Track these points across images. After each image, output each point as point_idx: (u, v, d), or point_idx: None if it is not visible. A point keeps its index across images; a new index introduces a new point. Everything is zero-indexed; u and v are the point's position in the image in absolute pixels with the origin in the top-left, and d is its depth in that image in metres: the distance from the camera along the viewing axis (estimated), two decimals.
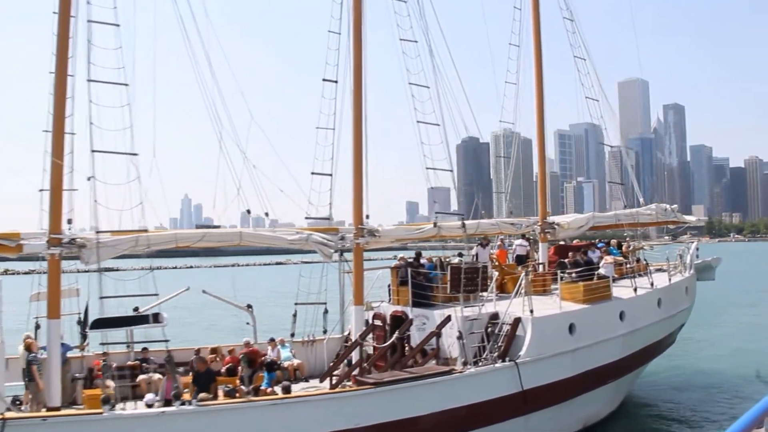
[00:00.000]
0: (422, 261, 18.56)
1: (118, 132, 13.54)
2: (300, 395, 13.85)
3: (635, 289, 19.41)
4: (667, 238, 29.39)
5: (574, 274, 18.55)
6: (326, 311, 20.05)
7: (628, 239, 24.20)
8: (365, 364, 15.65)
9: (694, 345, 32.53)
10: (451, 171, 16.45)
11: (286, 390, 14.45)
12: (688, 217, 26.99)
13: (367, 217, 17.82)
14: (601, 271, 18.95)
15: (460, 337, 15.33)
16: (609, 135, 23.27)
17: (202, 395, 13.10)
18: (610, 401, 19.24)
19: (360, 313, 17.67)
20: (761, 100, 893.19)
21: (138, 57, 14.70)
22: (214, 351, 18.24)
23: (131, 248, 13.64)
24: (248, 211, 16.46)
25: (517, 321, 16.23)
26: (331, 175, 18.62)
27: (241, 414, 12.37)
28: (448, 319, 15.70)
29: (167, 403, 12.84)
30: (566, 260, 19.12)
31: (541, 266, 21.49)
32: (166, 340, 13.77)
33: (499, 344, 15.80)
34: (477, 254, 21.23)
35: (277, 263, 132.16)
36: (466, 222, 19.26)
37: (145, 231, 13.68)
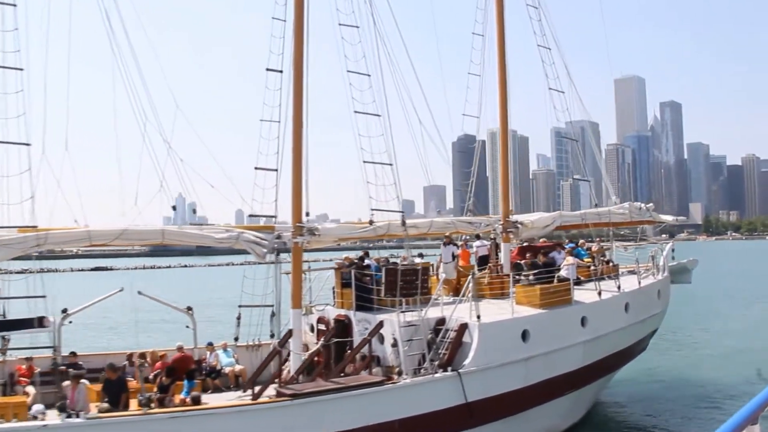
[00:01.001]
0: (368, 261, 17.30)
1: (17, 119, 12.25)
2: (206, 407, 12.54)
3: (599, 293, 18.18)
4: (657, 238, 28.08)
5: (531, 277, 17.32)
6: (273, 314, 18.87)
7: (598, 239, 22.97)
8: (295, 374, 14.40)
9: (676, 349, 31.47)
10: (391, 165, 15.15)
11: (195, 401, 13.19)
12: (664, 217, 25.74)
13: (307, 214, 16.53)
14: (562, 273, 17.69)
15: (394, 345, 14.10)
16: (593, 131, 21.76)
17: (104, 406, 11.89)
18: (571, 413, 17.99)
19: (298, 316, 16.41)
20: (759, 98, 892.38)
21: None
22: (142, 356, 17.00)
23: (28, 248, 12.31)
24: (173, 208, 15.21)
25: (463, 327, 15.01)
26: (276, 170, 17.37)
27: (135, 428, 11.12)
28: (381, 324, 14.46)
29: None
30: (522, 261, 17.83)
31: (502, 268, 20.24)
32: (51, 347, 12.48)
33: (442, 352, 14.57)
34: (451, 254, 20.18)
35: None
36: (417, 221, 18.06)
37: (35, 228, 12.33)
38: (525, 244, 22.68)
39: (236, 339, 19.16)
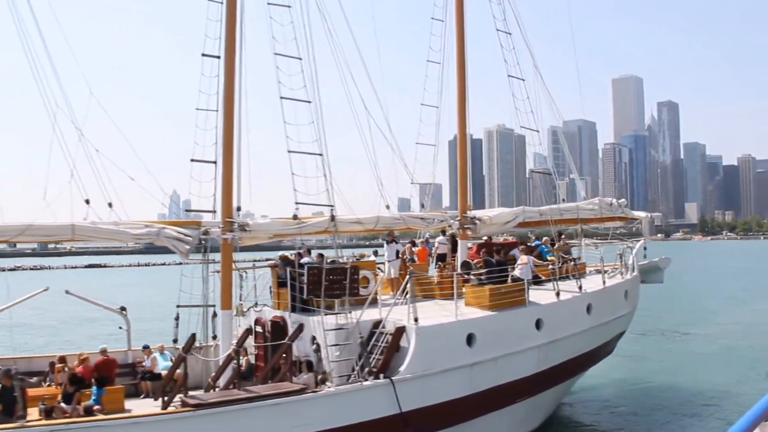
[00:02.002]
0: (307, 259, 16.10)
1: None
2: (94, 419, 11.25)
3: (557, 294, 17.00)
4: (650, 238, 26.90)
5: (483, 277, 16.13)
6: (215, 314, 17.69)
7: (563, 237, 21.78)
8: (211, 380, 13.20)
9: (659, 349, 30.38)
10: (321, 155, 13.94)
11: (87, 411, 11.98)
12: (637, 213, 24.45)
13: (239, 209, 15.31)
14: (515, 272, 16.50)
15: (317, 350, 12.93)
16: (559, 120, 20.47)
17: None
18: (524, 422, 16.80)
19: (227, 318, 15.22)
20: (755, 99, 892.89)
21: None
22: (62, 360, 15.79)
23: None
24: (87, 201, 13.99)
25: (400, 331, 13.83)
26: (215, 162, 16.16)
27: None
28: (301, 328, 13.28)
29: None
30: (474, 260, 16.64)
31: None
32: None
33: (375, 357, 13.39)
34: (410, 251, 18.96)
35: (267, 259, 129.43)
36: (362, 216, 16.87)
37: None
38: (485, 240, 21.56)
39: (175, 341, 18.04)
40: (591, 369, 20.16)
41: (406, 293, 14.13)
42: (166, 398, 12.25)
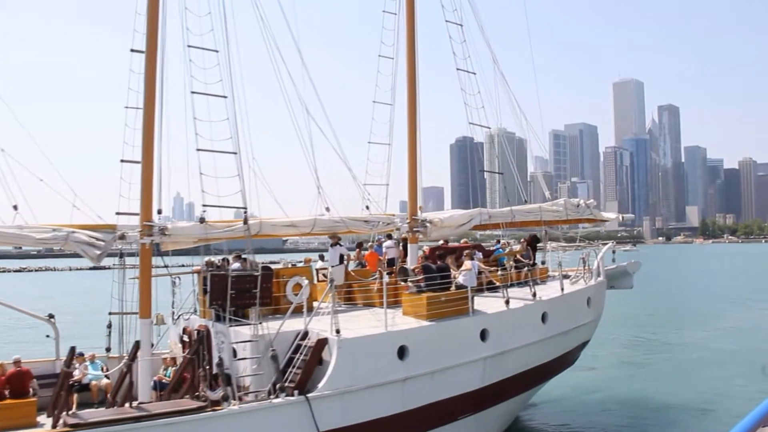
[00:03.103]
0: (236, 265, 15.06)
1: None
2: None
3: (507, 302, 15.92)
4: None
5: (423, 284, 15.07)
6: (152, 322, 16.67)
7: (524, 240, 20.69)
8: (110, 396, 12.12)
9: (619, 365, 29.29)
10: (235, 154, 12.89)
11: None
12: (606, 214, 23.39)
13: (159, 212, 14.26)
14: (459, 279, 15.42)
15: (220, 364, 11.87)
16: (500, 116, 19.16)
17: None
18: None
19: (146, 327, 14.16)
20: (756, 103, 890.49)
21: None
22: None
23: None
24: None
25: (322, 343, 12.77)
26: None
27: None
28: (201, 340, 12.23)
29: None
30: (412, 266, 15.57)
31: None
32: None
33: (291, 371, 12.35)
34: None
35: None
36: (296, 219, 15.84)
37: None
38: (441, 244, 20.51)
39: (108, 350, 17.01)
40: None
41: (327, 301, 13.04)
42: (54, 415, 11.19)
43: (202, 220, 13.72)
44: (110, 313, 16.55)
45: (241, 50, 15.63)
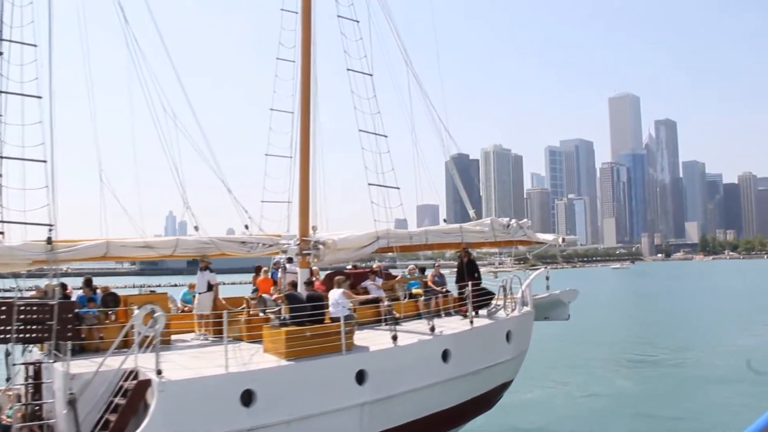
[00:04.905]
0: (79, 293, 12.90)
1: None
2: None
3: (394, 338, 13.62)
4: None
5: (287, 316, 12.85)
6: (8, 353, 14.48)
7: (437, 265, 18.44)
8: None
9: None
10: (45, 162, 10.72)
11: None
12: (543, 236, 20.98)
13: None
14: (331, 310, 13.18)
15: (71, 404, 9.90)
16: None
17: None
18: None
19: None
20: (754, 115, 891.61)
21: None
22: None
23: None
24: None
25: (144, 386, 10.60)
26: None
27: None
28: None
29: None
30: (273, 295, 13.34)
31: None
32: None
33: (103, 418, 10.18)
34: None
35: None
36: (153, 240, 13.66)
37: None
38: (351, 268, 18.28)
39: None
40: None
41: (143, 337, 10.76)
42: None
43: (48, 241, 11.55)
44: None
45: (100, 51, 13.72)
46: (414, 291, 17.01)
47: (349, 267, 19.11)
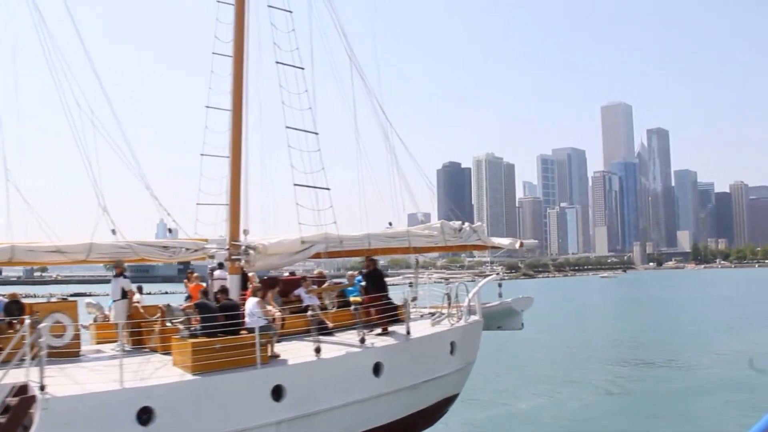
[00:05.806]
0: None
1: None
2: None
3: (317, 350, 12.70)
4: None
5: (197, 327, 11.92)
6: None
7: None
8: None
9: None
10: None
11: None
12: (498, 240, 20.14)
13: None
14: (247, 320, 12.26)
15: None
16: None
17: None
18: None
19: None
20: (747, 126, 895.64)
21: None
22: None
23: None
24: None
25: (28, 402, 9.67)
26: None
27: None
28: None
29: None
30: (182, 305, 12.43)
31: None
32: None
33: None
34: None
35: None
36: (64, 244, 12.73)
37: None
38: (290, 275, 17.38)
39: None
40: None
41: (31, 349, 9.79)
42: None
43: None
44: None
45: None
46: (352, 299, 16.10)
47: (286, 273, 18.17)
